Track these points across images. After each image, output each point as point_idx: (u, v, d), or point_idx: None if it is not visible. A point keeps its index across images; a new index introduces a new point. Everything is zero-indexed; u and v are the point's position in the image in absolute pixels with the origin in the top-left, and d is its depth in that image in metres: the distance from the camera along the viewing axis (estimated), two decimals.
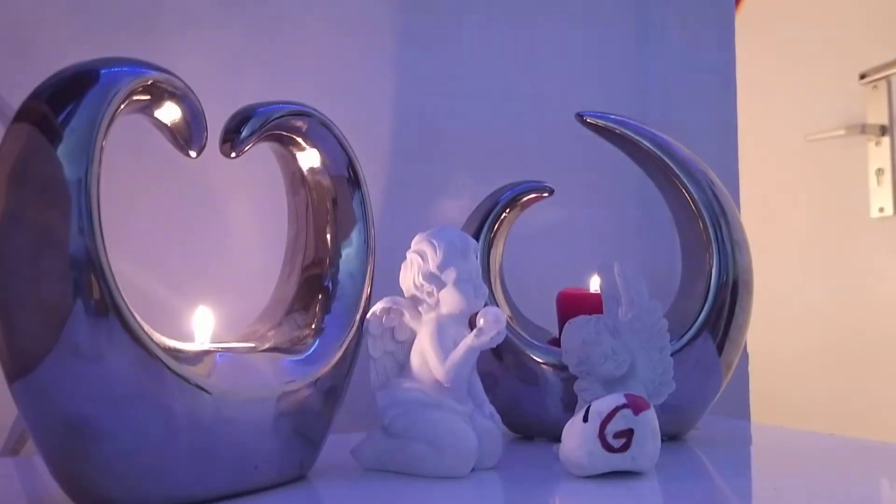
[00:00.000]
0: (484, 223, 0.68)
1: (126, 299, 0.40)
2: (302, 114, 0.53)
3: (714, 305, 0.65)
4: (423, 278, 0.53)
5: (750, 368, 0.96)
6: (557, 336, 0.64)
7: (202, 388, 0.43)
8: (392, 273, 0.56)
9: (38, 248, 0.38)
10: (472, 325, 0.53)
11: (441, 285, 0.53)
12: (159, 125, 0.46)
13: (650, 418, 0.50)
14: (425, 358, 0.53)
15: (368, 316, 0.55)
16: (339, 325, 0.54)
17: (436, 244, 0.53)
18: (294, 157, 0.56)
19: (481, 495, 0.49)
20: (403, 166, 0.84)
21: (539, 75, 0.92)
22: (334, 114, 0.56)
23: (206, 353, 0.47)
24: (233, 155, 0.50)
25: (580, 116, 0.69)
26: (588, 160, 0.89)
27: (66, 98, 0.39)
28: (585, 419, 0.50)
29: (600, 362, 0.58)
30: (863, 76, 1.47)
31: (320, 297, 0.55)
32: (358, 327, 0.54)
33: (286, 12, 0.81)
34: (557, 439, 0.52)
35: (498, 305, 0.67)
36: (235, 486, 0.46)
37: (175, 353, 0.43)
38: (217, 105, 0.50)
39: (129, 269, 0.52)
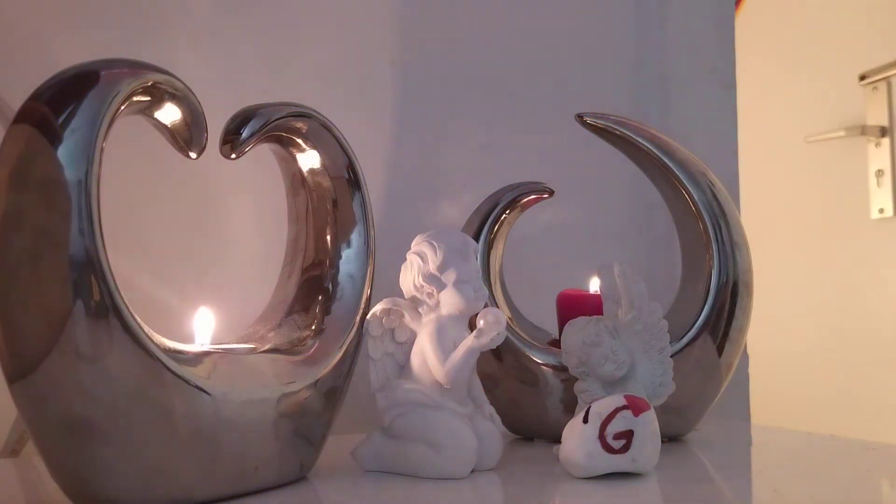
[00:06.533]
0: (484, 224, 0.68)
1: (126, 300, 0.40)
2: (302, 115, 0.53)
3: (714, 306, 0.65)
4: (424, 279, 0.53)
5: (750, 369, 0.96)
6: (557, 337, 0.64)
7: (202, 390, 0.43)
8: (392, 274, 0.56)
9: (38, 250, 0.38)
10: (472, 326, 0.53)
11: (441, 286, 0.53)
12: (159, 126, 0.46)
13: (650, 419, 0.50)
14: (425, 359, 0.53)
15: (368, 317, 0.55)
16: (339, 326, 0.54)
17: (436, 245, 0.53)
18: (294, 158, 0.56)
19: (481, 496, 0.49)
20: (404, 166, 0.84)
21: (539, 75, 0.92)
22: (334, 115, 0.56)
23: (207, 354, 0.47)
24: (233, 156, 0.50)
25: (580, 117, 0.69)
26: (588, 160, 0.89)
27: (67, 99, 0.39)
28: (585, 420, 0.50)
29: (600, 363, 0.57)
30: (863, 77, 1.47)
31: (320, 298, 0.55)
32: (358, 328, 0.54)
33: (286, 13, 0.81)
34: (557, 440, 0.52)
35: (498, 306, 0.67)
36: (235, 488, 0.46)
37: (175, 355, 0.43)
38: (217, 106, 0.50)
39: (129, 270, 0.52)
